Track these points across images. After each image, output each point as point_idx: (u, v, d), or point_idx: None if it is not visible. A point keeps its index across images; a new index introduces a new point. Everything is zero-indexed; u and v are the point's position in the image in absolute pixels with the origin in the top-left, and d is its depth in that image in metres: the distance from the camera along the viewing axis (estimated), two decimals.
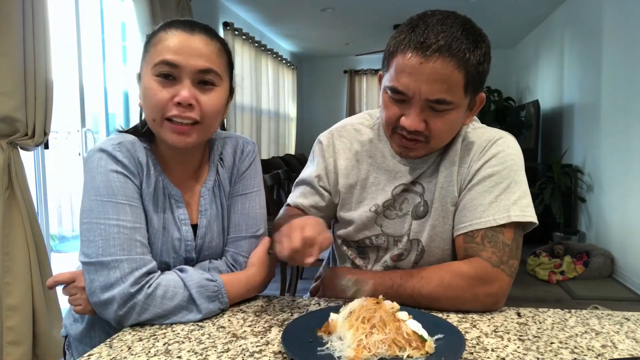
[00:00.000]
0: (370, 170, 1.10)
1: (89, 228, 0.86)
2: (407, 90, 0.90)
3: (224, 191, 1.03)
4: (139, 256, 0.86)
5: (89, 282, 0.85)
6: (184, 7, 3.96)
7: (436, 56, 0.87)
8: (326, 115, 8.54)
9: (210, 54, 0.90)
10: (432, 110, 0.92)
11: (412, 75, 0.89)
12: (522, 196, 0.98)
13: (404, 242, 1.07)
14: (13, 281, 2.21)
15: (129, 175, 0.89)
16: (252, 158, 1.06)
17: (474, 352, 0.75)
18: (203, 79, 0.89)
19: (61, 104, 2.55)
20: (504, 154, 1.00)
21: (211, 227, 1.00)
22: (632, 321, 0.89)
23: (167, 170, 0.97)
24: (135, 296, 0.83)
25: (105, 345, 0.79)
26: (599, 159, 4.30)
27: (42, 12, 2.29)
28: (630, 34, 3.69)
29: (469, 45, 0.88)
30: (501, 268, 0.94)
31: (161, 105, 0.87)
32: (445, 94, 0.89)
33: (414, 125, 0.92)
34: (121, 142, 0.91)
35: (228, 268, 0.99)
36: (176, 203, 0.97)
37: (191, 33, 0.89)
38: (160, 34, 0.89)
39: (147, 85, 0.88)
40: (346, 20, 6.06)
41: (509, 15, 5.75)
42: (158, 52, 0.88)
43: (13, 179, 2.22)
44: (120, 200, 0.87)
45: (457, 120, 0.96)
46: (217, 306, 0.90)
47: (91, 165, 0.89)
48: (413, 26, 0.90)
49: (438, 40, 0.87)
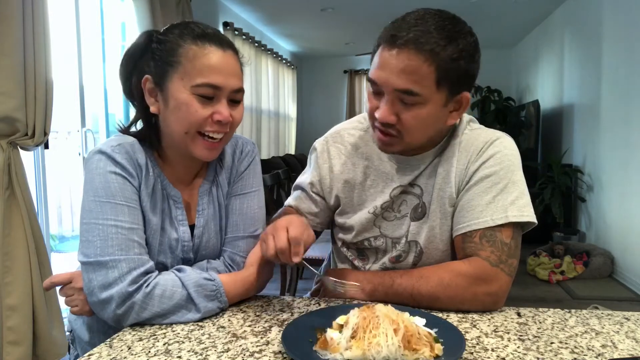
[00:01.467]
0: (367, 173, 1.10)
1: (88, 228, 0.87)
2: (379, 80, 0.93)
3: (222, 191, 1.03)
4: (137, 256, 0.86)
5: (88, 281, 0.86)
6: (184, 7, 3.95)
7: (405, 49, 0.89)
8: (326, 115, 8.54)
9: (240, 72, 0.94)
10: (402, 103, 0.93)
11: (383, 66, 0.92)
12: (519, 196, 0.98)
13: (402, 243, 1.07)
14: (13, 281, 2.21)
15: (127, 177, 0.90)
16: (251, 158, 1.07)
17: (474, 352, 0.75)
18: (235, 98, 0.93)
19: (61, 104, 2.55)
20: (501, 154, 1.01)
21: (208, 227, 1.01)
22: (632, 321, 0.89)
23: (166, 171, 0.98)
24: (134, 295, 0.83)
25: (106, 345, 0.79)
26: (599, 158, 4.30)
27: (42, 12, 2.29)
28: (630, 34, 3.69)
29: (440, 40, 0.89)
30: (500, 267, 0.94)
31: (199, 122, 0.89)
32: (413, 84, 0.90)
33: (384, 116, 0.94)
34: (120, 143, 0.92)
35: (226, 268, 1.00)
36: (175, 204, 0.98)
37: (223, 49, 0.90)
38: (192, 47, 0.88)
39: (184, 101, 0.88)
40: (346, 20, 6.06)
41: (509, 15, 5.75)
42: (198, 70, 0.87)
43: (13, 179, 2.22)
44: (118, 201, 0.87)
45: (430, 117, 0.95)
46: (216, 305, 0.90)
47: (91, 166, 0.90)
48: (393, 22, 0.94)
49: (408, 34, 0.89)
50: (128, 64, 0.96)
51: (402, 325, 0.70)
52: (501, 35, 6.76)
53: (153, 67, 0.92)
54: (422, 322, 0.78)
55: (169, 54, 0.89)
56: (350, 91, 8.64)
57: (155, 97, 0.93)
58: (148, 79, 0.92)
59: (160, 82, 0.91)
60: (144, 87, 0.93)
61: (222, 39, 0.92)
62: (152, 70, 0.92)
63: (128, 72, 0.96)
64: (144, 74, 0.93)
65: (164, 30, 0.93)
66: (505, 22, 6.04)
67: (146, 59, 0.93)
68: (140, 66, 0.94)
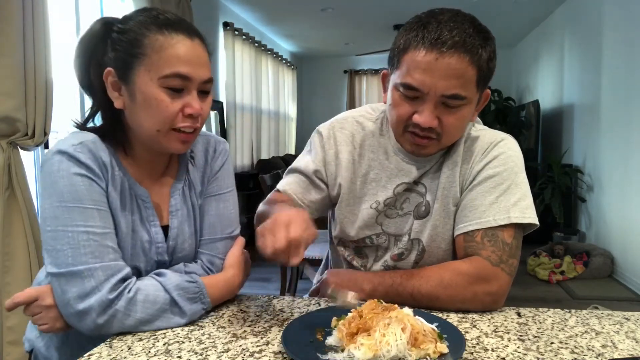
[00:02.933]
0: (371, 165, 1.09)
1: (55, 236, 0.80)
2: (423, 86, 0.90)
3: (195, 191, 0.99)
4: (113, 262, 0.82)
5: (61, 293, 0.80)
6: (184, 7, 3.95)
7: (452, 52, 0.87)
8: (326, 116, 8.37)
9: (208, 61, 0.88)
10: (445, 107, 0.92)
11: (427, 71, 0.89)
12: (522, 198, 0.98)
13: (405, 241, 1.07)
14: (13, 281, 2.21)
15: (94, 178, 0.83)
16: (224, 157, 1.03)
17: (474, 352, 0.75)
18: (204, 89, 0.88)
19: (61, 104, 2.54)
20: (505, 155, 1.01)
21: (183, 228, 0.96)
22: (632, 321, 0.89)
23: (131, 169, 0.91)
24: (115, 302, 0.79)
25: (105, 345, 0.79)
26: (599, 158, 4.30)
27: (42, 12, 2.29)
28: (630, 33, 3.69)
29: (481, 41, 0.90)
30: (501, 267, 0.94)
31: (171, 118, 0.84)
32: (460, 89, 0.90)
33: (428, 121, 0.92)
34: (82, 141, 0.84)
35: (204, 271, 0.96)
36: (143, 203, 0.92)
37: (191, 38, 0.85)
38: (158, 37, 0.82)
39: (153, 95, 0.83)
40: (346, 20, 6.06)
41: (509, 15, 5.75)
42: (166, 61, 0.82)
43: (13, 179, 2.22)
44: (87, 205, 0.81)
45: (468, 117, 0.97)
46: (200, 307, 0.88)
47: (51, 168, 0.82)
48: (424, 23, 0.91)
49: (453, 36, 0.88)
50: (84, 54, 0.88)
51: (408, 323, 0.71)
52: (501, 35, 6.75)
53: (114, 58, 0.84)
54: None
55: (132, 45, 0.83)
56: (350, 91, 8.64)
57: (119, 91, 0.86)
58: (110, 72, 0.85)
59: (124, 76, 0.84)
60: (105, 80, 0.86)
61: (190, 27, 0.87)
62: (113, 62, 0.85)
63: (85, 63, 0.88)
64: (104, 66, 0.85)
65: (124, 18, 0.87)
66: (505, 22, 6.04)
67: (105, 49, 0.86)
68: (98, 57, 0.86)
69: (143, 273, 0.90)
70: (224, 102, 5.21)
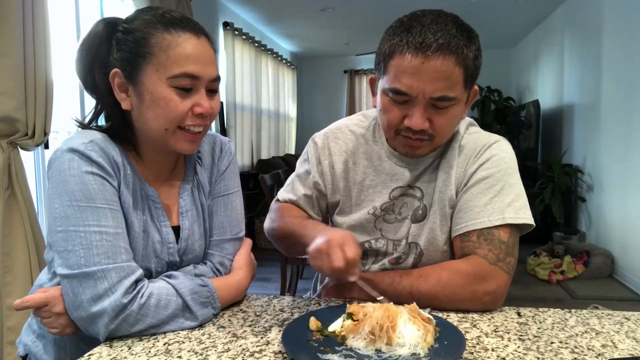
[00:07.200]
0: (366, 172, 1.11)
1: (67, 237, 0.78)
2: (411, 90, 0.91)
3: (204, 191, 0.98)
4: (126, 264, 0.80)
5: (73, 295, 0.78)
6: (184, 7, 3.96)
7: (437, 55, 0.88)
8: (326, 115, 8.53)
9: (214, 59, 0.88)
10: (435, 108, 0.93)
11: (414, 75, 0.89)
12: (515, 198, 0.99)
13: (403, 245, 1.07)
14: (13, 281, 2.21)
15: (106, 177, 0.82)
16: (230, 157, 1.03)
17: (474, 352, 0.75)
18: (212, 87, 0.87)
19: (61, 104, 2.55)
20: (498, 157, 1.02)
21: (193, 229, 0.95)
22: (632, 321, 0.89)
23: (140, 170, 0.91)
24: (128, 307, 0.78)
25: (106, 345, 0.79)
26: (599, 158, 4.30)
27: (42, 12, 2.29)
28: (630, 34, 3.69)
29: (465, 41, 0.90)
30: (498, 265, 0.94)
31: (180, 117, 0.84)
32: (448, 90, 0.91)
33: (419, 124, 0.93)
34: (92, 140, 0.83)
35: (213, 273, 0.96)
36: (154, 204, 0.91)
37: (198, 36, 0.85)
38: (165, 36, 0.82)
39: (162, 95, 0.82)
40: (346, 20, 6.06)
41: (509, 15, 5.75)
42: (174, 60, 0.81)
43: (13, 179, 2.22)
44: (99, 204, 0.80)
45: (458, 115, 0.98)
46: (210, 311, 0.88)
47: (61, 167, 0.80)
48: (407, 27, 0.91)
49: (437, 39, 0.88)
50: (88, 55, 0.87)
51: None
52: (501, 35, 6.76)
53: (120, 59, 0.83)
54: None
55: (139, 45, 0.82)
56: (350, 91, 8.63)
57: (127, 93, 0.85)
58: (117, 72, 0.84)
59: (132, 76, 0.83)
60: (112, 81, 0.85)
61: (196, 25, 0.86)
62: (119, 63, 0.84)
63: (89, 64, 0.87)
64: (109, 67, 0.84)
65: (129, 18, 0.86)
66: (505, 22, 6.04)
67: (109, 49, 0.85)
68: (102, 58, 0.85)
69: (153, 274, 0.90)
70: (224, 102, 5.21)
